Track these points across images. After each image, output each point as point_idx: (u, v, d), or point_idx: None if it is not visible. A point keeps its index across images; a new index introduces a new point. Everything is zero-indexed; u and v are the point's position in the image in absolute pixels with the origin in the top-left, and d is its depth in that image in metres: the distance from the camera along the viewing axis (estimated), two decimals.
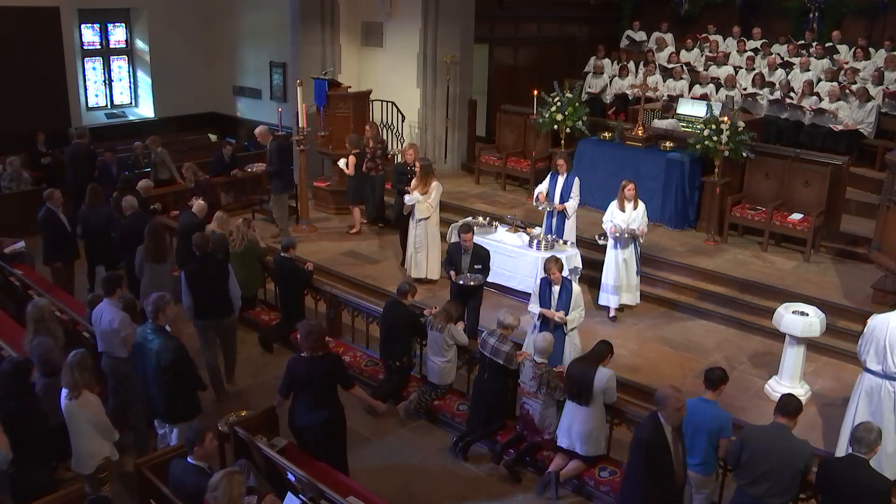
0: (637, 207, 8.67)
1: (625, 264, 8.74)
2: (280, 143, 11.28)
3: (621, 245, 8.70)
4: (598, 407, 6.14)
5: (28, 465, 5.32)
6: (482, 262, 8.19)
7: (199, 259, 7.40)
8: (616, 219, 8.67)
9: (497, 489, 6.39)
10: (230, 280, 7.33)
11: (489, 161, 12.87)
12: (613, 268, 8.74)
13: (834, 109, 11.91)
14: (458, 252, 8.20)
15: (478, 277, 8.14)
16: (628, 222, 8.62)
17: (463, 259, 8.15)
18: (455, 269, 8.16)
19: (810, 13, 14.88)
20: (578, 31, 16.82)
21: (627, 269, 8.78)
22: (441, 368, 7.25)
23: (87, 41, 15.12)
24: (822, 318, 7.22)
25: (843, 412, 7.13)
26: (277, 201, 11.29)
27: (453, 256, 8.23)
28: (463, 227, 8.40)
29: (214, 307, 7.30)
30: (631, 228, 8.61)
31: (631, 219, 8.64)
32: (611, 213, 8.74)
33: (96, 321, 6.46)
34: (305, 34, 13.11)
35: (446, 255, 8.44)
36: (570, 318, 7.19)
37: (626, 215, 8.65)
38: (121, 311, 6.36)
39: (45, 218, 9.05)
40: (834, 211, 10.07)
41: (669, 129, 11.28)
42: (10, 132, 12.83)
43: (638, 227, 8.65)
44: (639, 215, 8.68)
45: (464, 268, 8.13)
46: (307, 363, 5.76)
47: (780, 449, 4.97)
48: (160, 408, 6.02)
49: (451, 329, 7.13)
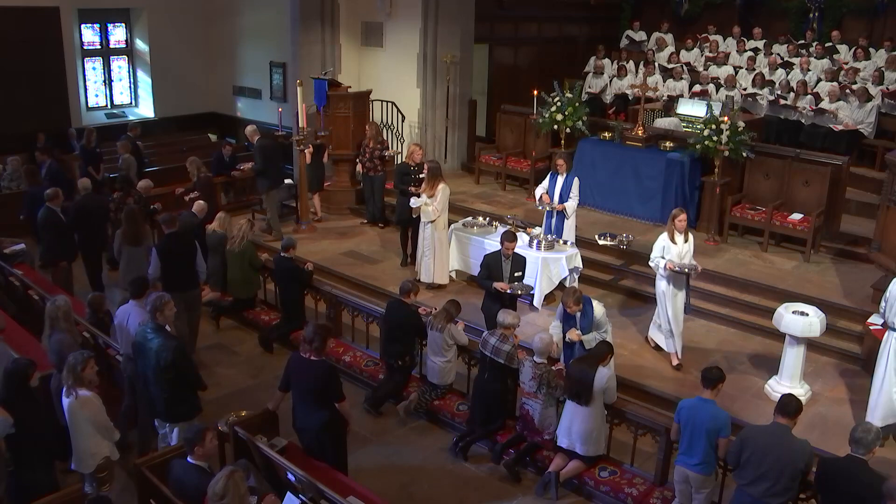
0: (688, 239, 7.77)
1: (677, 304, 7.77)
2: (263, 143, 11.30)
3: (674, 283, 7.75)
4: (598, 407, 6.14)
5: (29, 464, 5.33)
6: (521, 268, 7.90)
7: (168, 236, 8.01)
8: (669, 253, 7.68)
9: (497, 489, 6.39)
10: (197, 256, 7.98)
11: (489, 161, 12.87)
12: (667, 309, 7.79)
13: (834, 109, 11.92)
14: (498, 261, 7.82)
15: (527, 286, 7.92)
16: (682, 256, 7.69)
17: (504, 267, 7.79)
18: (495, 279, 7.76)
19: (810, 13, 14.89)
20: (578, 31, 16.83)
21: (678, 313, 7.83)
22: (440, 368, 7.25)
23: (87, 41, 15.12)
24: (822, 318, 7.22)
25: (843, 412, 7.16)
26: (267, 200, 11.37)
27: (492, 266, 7.81)
28: (506, 234, 7.86)
29: (182, 280, 7.84)
30: (692, 265, 7.68)
31: (684, 252, 7.70)
32: (661, 247, 7.74)
33: (122, 322, 6.55)
34: (305, 34, 13.12)
35: (482, 267, 7.93)
36: (586, 338, 6.88)
37: (678, 248, 7.67)
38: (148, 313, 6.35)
39: (45, 217, 9.05)
40: (834, 211, 10.07)
41: (671, 129, 11.29)
42: (10, 132, 12.83)
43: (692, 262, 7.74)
44: (691, 247, 7.78)
45: (505, 276, 7.77)
46: (305, 364, 5.75)
47: (779, 449, 4.98)
48: (160, 407, 6.01)
49: (451, 329, 7.14)
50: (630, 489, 6.11)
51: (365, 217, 11.94)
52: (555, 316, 7.31)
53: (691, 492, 5.60)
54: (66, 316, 6.44)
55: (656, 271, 7.83)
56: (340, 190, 12.41)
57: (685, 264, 7.64)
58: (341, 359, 8.04)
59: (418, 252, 9.65)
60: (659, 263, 7.72)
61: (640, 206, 10.95)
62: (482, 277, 7.94)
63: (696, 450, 5.45)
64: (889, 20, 14.11)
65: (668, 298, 7.75)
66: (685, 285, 7.83)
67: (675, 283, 7.78)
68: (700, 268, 7.81)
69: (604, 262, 9.87)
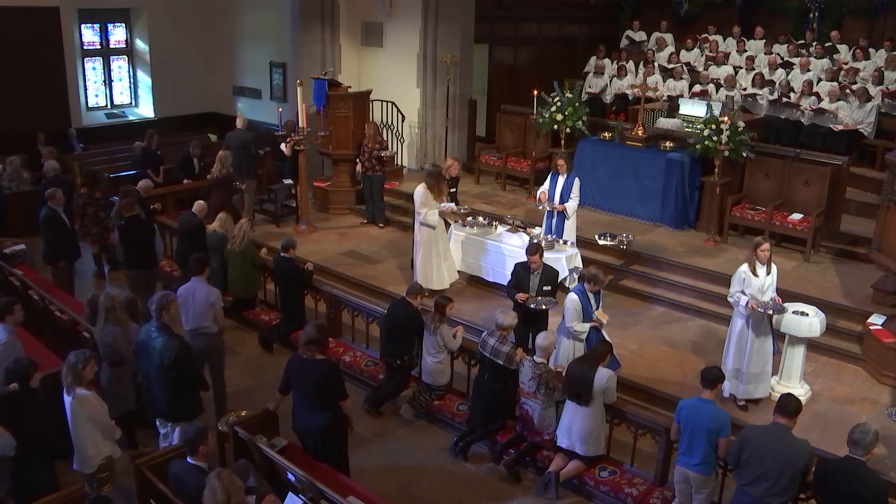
0: (771, 271, 6.96)
1: (756, 346, 7.00)
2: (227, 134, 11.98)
3: (754, 324, 6.96)
4: (598, 407, 6.14)
5: (30, 464, 5.33)
6: (552, 283, 7.55)
7: (128, 220, 8.68)
8: (750, 287, 6.87)
9: (497, 489, 6.39)
10: (155, 238, 8.82)
11: (489, 161, 12.87)
12: (741, 349, 7.05)
13: (834, 109, 11.92)
14: (526, 272, 7.53)
15: (550, 300, 7.48)
16: (763, 290, 6.87)
17: (532, 280, 7.48)
18: (523, 291, 7.51)
19: (810, 13, 14.88)
20: (578, 31, 16.82)
21: (760, 354, 7.02)
22: (433, 369, 7.23)
23: (87, 41, 15.09)
24: (822, 318, 7.22)
25: (843, 412, 7.16)
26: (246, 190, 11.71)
27: (521, 277, 7.55)
28: (530, 248, 7.51)
29: (141, 259, 8.70)
30: (776, 304, 6.88)
31: (766, 286, 6.88)
32: (740, 280, 6.92)
33: (186, 299, 6.84)
34: (305, 34, 13.12)
35: (512, 275, 7.71)
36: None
37: (760, 281, 6.85)
38: (211, 286, 7.05)
39: (46, 217, 9.06)
40: (834, 211, 10.07)
41: (672, 129, 11.29)
42: (10, 132, 12.82)
43: (775, 297, 6.93)
44: (774, 280, 6.97)
45: (532, 289, 7.48)
46: (305, 365, 5.75)
47: (779, 448, 4.98)
48: (162, 407, 6.00)
49: (442, 331, 7.13)
50: (630, 489, 6.11)
51: (365, 217, 11.94)
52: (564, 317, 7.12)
53: (691, 492, 5.60)
54: (121, 306, 6.55)
55: (735, 308, 7.04)
56: (340, 190, 12.41)
57: (769, 304, 6.84)
58: (341, 359, 8.04)
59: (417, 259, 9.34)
60: (739, 300, 6.89)
61: (640, 206, 10.96)
62: (510, 286, 7.71)
63: (696, 450, 5.45)
64: (889, 20, 14.11)
65: (748, 341, 6.99)
66: (769, 326, 6.99)
67: (755, 326, 6.94)
68: (784, 306, 7.00)
69: (604, 262, 9.86)
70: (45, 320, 7.90)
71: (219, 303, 6.99)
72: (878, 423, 6.56)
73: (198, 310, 6.88)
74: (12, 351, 6.14)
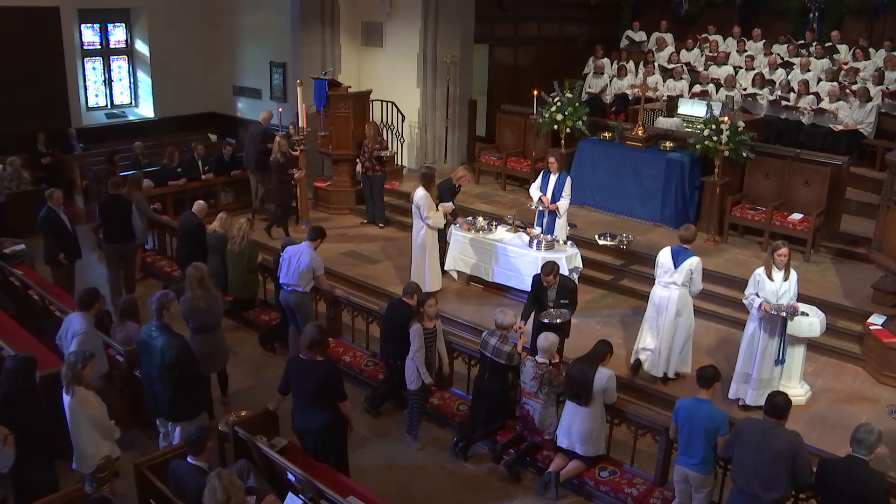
0: (789, 277, 6.76)
1: (767, 351, 6.87)
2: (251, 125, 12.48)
3: (767, 328, 6.84)
4: (598, 407, 6.14)
5: (30, 463, 5.33)
6: (569, 296, 7.44)
7: (107, 196, 9.44)
8: (764, 290, 6.74)
9: (497, 489, 6.40)
10: (133, 215, 9.46)
11: (489, 161, 12.87)
12: (751, 353, 6.95)
13: (834, 109, 11.92)
14: (542, 286, 7.46)
15: (563, 313, 7.36)
16: (778, 296, 6.73)
17: (549, 293, 7.42)
18: (540, 305, 7.46)
19: (810, 13, 14.90)
20: (578, 31, 16.82)
21: (770, 359, 6.89)
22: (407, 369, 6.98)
23: (87, 41, 15.10)
24: (822, 318, 7.21)
25: (843, 412, 7.15)
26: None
27: (538, 291, 7.50)
28: (545, 267, 7.36)
29: (119, 235, 9.34)
30: (791, 307, 6.66)
31: (781, 291, 6.73)
32: (755, 283, 6.83)
33: (291, 257, 7.72)
34: (305, 34, 13.12)
35: (531, 289, 7.67)
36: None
37: (775, 286, 6.72)
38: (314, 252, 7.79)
39: (46, 217, 9.05)
40: (834, 211, 10.07)
41: (672, 129, 11.28)
42: (10, 132, 12.83)
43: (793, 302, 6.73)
44: (792, 287, 6.76)
45: (549, 303, 7.43)
46: (305, 366, 5.75)
47: (770, 439, 4.98)
48: (163, 407, 6.00)
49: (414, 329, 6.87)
50: (630, 489, 6.11)
51: (365, 217, 11.93)
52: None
53: (691, 491, 5.61)
54: (201, 281, 6.89)
55: (749, 310, 6.95)
56: (340, 190, 12.41)
57: (782, 306, 6.65)
58: (341, 359, 8.04)
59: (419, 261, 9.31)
60: (753, 302, 6.78)
61: (640, 206, 10.95)
62: (529, 300, 7.68)
63: (694, 449, 5.46)
64: (889, 20, 14.12)
65: (759, 343, 6.88)
66: (780, 332, 6.84)
67: (766, 328, 6.82)
68: (801, 311, 6.81)
69: (604, 262, 9.87)
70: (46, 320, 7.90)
71: (319, 266, 7.79)
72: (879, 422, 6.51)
73: (301, 269, 7.65)
74: (91, 340, 6.47)
